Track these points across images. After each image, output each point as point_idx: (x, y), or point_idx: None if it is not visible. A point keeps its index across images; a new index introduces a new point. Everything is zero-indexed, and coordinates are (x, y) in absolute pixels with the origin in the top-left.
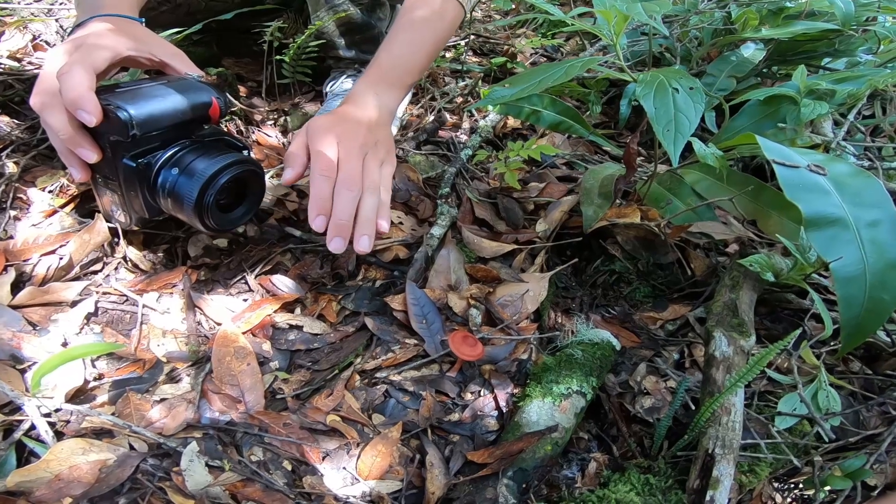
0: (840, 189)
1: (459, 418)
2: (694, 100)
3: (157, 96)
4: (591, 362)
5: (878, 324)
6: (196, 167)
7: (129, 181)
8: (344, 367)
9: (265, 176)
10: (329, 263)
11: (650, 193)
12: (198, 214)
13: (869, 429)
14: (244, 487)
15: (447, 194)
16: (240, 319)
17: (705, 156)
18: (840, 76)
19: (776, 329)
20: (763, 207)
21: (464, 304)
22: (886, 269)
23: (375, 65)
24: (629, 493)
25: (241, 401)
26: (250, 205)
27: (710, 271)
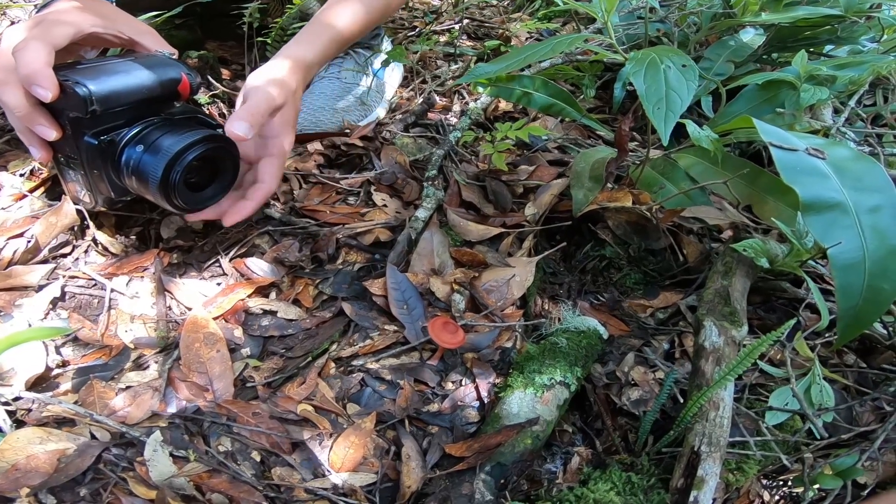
0: (840, 173)
1: (438, 409)
2: (686, 77)
3: (121, 72)
4: (577, 351)
5: (877, 314)
6: (162, 144)
7: (92, 160)
8: (318, 355)
9: (239, 154)
10: (308, 246)
11: (643, 178)
12: (164, 194)
13: (862, 424)
14: (210, 478)
15: (434, 177)
16: (211, 304)
17: (699, 138)
18: (841, 62)
19: (770, 319)
20: (759, 192)
21: (447, 289)
22: (887, 257)
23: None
24: (609, 492)
25: (209, 389)
26: (223, 184)
27: (703, 258)
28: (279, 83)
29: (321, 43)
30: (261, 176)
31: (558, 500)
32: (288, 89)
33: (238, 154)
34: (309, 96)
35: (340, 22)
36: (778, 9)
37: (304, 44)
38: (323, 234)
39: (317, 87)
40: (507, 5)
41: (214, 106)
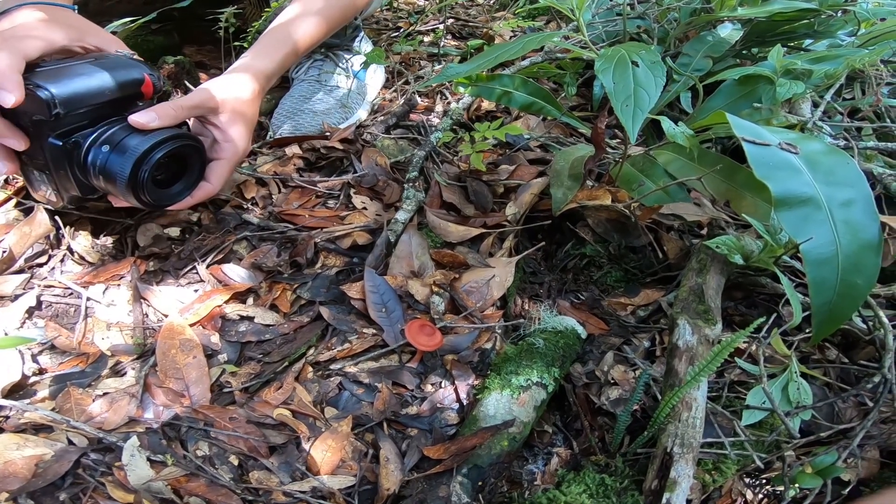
0: (812, 167)
1: (417, 411)
2: (655, 73)
3: (82, 74)
4: (554, 352)
5: (852, 309)
6: (128, 144)
7: (58, 161)
8: (296, 359)
9: (206, 151)
10: (287, 251)
11: (622, 175)
12: (132, 191)
13: (844, 421)
14: (188, 482)
15: (415, 178)
16: (188, 311)
17: (675, 135)
18: (817, 55)
19: (751, 315)
20: (736, 188)
21: (427, 291)
22: (860, 251)
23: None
24: (581, 494)
25: (186, 395)
26: (190, 180)
27: (683, 254)
28: (223, 88)
29: (279, 54)
30: (207, 176)
31: (531, 503)
32: (239, 97)
33: (204, 151)
34: (288, 99)
35: (298, 32)
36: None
37: (263, 56)
38: (301, 239)
39: (296, 90)
40: (493, 4)
41: None
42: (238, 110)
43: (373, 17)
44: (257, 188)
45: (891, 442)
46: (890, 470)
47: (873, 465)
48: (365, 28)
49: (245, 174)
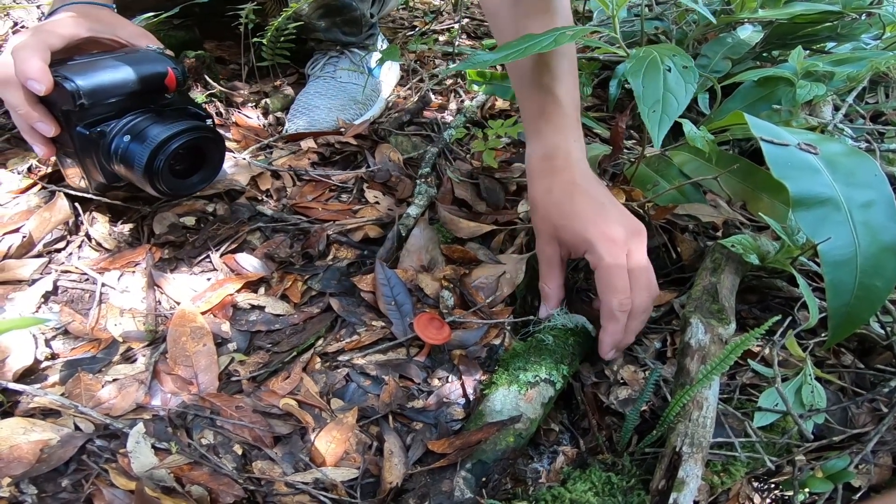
0: (832, 168)
1: (423, 405)
2: (686, 79)
3: (108, 67)
4: (563, 349)
5: (870, 313)
6: (148, 133)
7: (85, 149)
8: (304, 350)
9: (225, 144)
10: (299, 243)
11: (637, 175)
12: (148, 179)
13: (858, 426)
14: (191, 471)
15: (427, 174)
16: (200, 299)
17: (694, 138)
18: (839, 58)
19: (766, 319)
20: (753, 190)
21: (436, 285)
22: (880, 253)
23: (561, 106)
24: (587, 492)
25: (194, 382)
26: (209, 171)
27: (697, 256)
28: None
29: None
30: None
31: (534, 500)
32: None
33: (224, 144)
34: (304, 95)
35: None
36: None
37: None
38: (314, 231)
39: (311, 86)
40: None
41: (211, 105)
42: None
43: (389, 15)
44: (272, 181)
45: None
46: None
47: (885, 471)
48: (381, 27)
49: (260, 167)
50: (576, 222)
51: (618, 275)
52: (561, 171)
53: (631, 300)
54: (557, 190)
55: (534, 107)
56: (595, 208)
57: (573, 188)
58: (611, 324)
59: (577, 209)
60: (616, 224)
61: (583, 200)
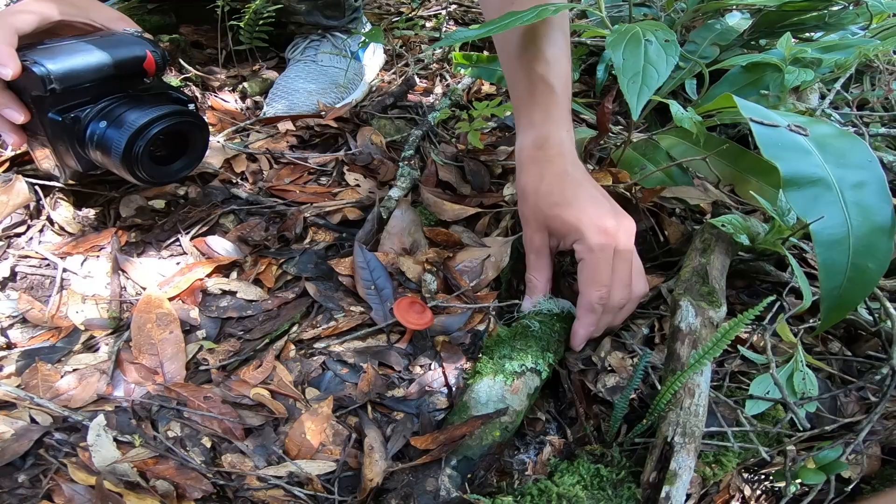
0: (822, 149)
1: (404, 394)
2: (667, 52)
3: (81, 51)
4: (549, 336)
5: (862, 296)
6: (126, 118)
7: (57, 135)
8: (277, 337)
9: (208, 129)
10: (275, 226)
11: (624, 159)
12: (127, 166)
13: (846, 415)
14: (156, 465)
15: (410, 156)
16: (168, 284)
17: (682, 119)
18: (827, 45)
19: (754, 304)
20: (741, 172)
21: (419, 269)
22: (873, 234)
23: (554, 94)
24: (574, 486)
25: (160, 371)
26: (191, 159)
27: (685, 239)
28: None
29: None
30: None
31: (520, 494)
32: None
33: (207, 128)
34: (283, 79)
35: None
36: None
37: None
38: (291, 214)
39: (291, 70)
40: None
41: (187, 89)
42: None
43: (375, 1)
44: (248, 163)
45: (892, 439)
46: (892, 467)
47: (874, 461)
48: (366, 12)
49: (235, 149)
50: (567, 210)
51: (602, 268)
52: (553, 161)
53: (609, 294)
54: (549, 179)
55: (525, 94)
56: (587, 198)
57: (565, 177)
58: (587, 316)
59: (569, 198)
60: (608, 215)
61: (575, 189)
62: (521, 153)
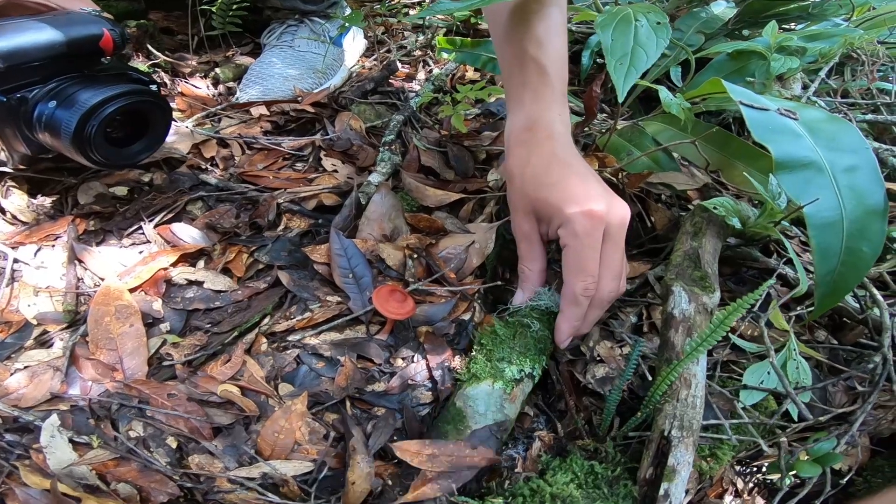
0: (813, 133)
1: (385, 388)
2: (658, 34)
3: (29, 29)
4: (547, 337)
5: (856, 280)
6: (78, 98)
7: (2, 117)
8: (248, 329)
9: (171, 110)
10: (247, 213)
11: (610, 145)
12: (79, 147)
13: (834, 405)
14: (117, 467)
15: (391, 141)
16: (129, 274)
17: (670, 104)
18: (812, 33)
19: (740, 291)
20: (728, 157)
21: (400, 255)
22: (866, 216)
23: (547, 77)
24: (568, 484)
25: (119, 368)
26: (151, 141)
27: (671, 225)
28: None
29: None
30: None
31: (511, 495)
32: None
33: (170, 109)
34: (258, 65)
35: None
36: None
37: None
38: (263, 200)
39: (267, 55)
40: None
41: (156, 75)
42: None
43: None
44: (218, 149)
45: (881, 429)
46: (882, 458)
47: (864, 452)
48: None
49: (205, 134)
50: (553, 194)
51: (588, 255)
52: (541, 143)
53: (596, 286)
54: (536, 161)
55: (515, 75)
56: (576, 182)
57: (552, 159)
58: (571, 308)
59: (556, 181)
60: (598, 198)
61: (562, 171)
62: (509, 136)
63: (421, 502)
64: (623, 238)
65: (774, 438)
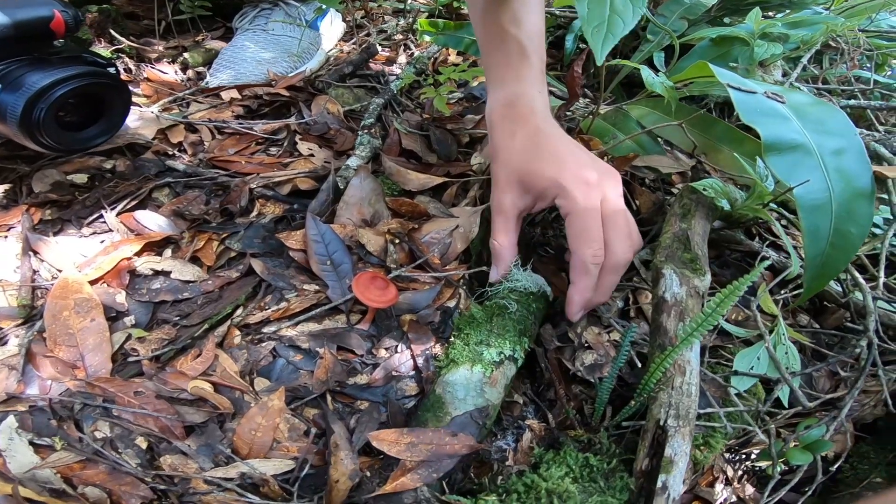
0: (800, 116)
1: (368, 381)
2: (634, 3)
3: None
4: (527, 318)
5: (845, 262)
6: (25, 81)
7: None
8: (219, 321)
9: (129, 93)
10: (218, 199)
11: (594, 129)
12: (27, 132)
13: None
14: (83, 469)
15: (371, 125)
16: (89, 266)
17: (654, 84)
18: (794, 20)
19: (724, 275)
20: (713, 141)
21: (381, 240)
22: (854, 199)
23: (526, 57)
24: (564, 479)
25: (80, 365)
26: (108, 125)
27: (656, 208)
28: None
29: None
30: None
31: (504, 492)
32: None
33: (128, 92)
34: (230, 48)
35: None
36: None
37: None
38: (235, 185)
39: (239, 39)
40: None
41: (120, 61)
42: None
43: None
44: (186, 134)
45: (864, 414)
46: (866, 444)
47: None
48: None
49: (172, 119)
50: (545, 165)
51: (592, 221)
52: (524, 118)
53: (605, 251)
54: (521, 135)
55: (494, 54)
56: (564, 151)
57: (538, 133)
58: (582, 279)
59: (545, 152)
60: (589, 167)
61: (550, 144)
62: (491, 113)
63: (400, 493)
64: (621, 198)
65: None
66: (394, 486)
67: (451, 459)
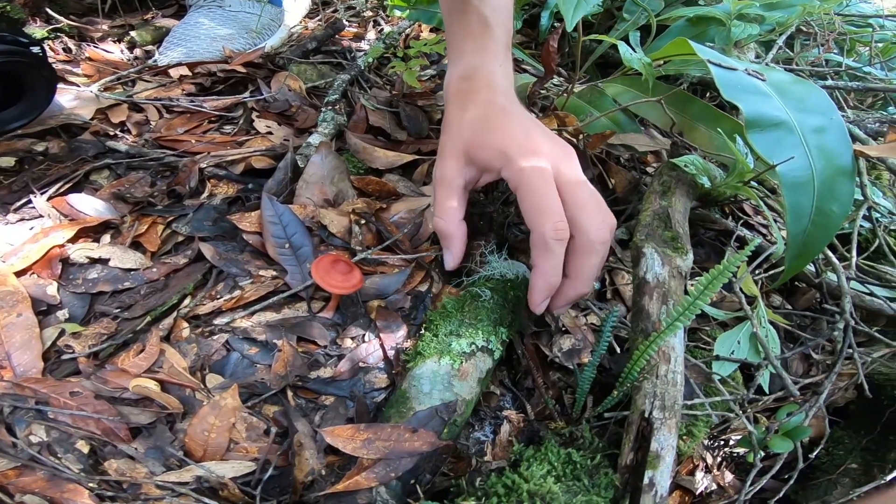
0: (781, 94)
1: (333, 374)
2: None
3: None
4: (503, 307)
5: (826, 240)
6: None
7: None
8: (165, 313)
9: (54, 72)
10: (165, 180)
11: (569, 106)
12: None
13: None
14: (19, 476)
15: (335, 101)
16: (15, 255)
17: (631, 60)
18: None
19: (698, 255)
20: (690, 119)
21: (345, 221)
22: (835, 177)
23: (488, 28)
24: (546, 477)
25: (7, 365)
26: (29, 106)
27: (632, 187)
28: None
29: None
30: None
31: (484, 494)
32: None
33: (52, 71)
34: (182, 26)
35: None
36: None
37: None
38: (183, 165)
39: (192, 16)
40: None
41: (59, 41)
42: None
43: None
44: (130, 113)
45: (836, 398)
46: (839, 428)
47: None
48: None
49: (113, 98)
50: (493, 137)
51: (545, 190)
52: (480, 91)
53: (572, 229)
54: (473, 108)
55: (459, 28)
56: (516, 124)
57: (491, 106)
58: (543, 259)
59: (494, 124)
60: (540, 137)
61: (502, 116)
62: (448, 86)
63: (354, 493)
64: (580, 172)
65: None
66: (346, 485)
67: (411, 458)
